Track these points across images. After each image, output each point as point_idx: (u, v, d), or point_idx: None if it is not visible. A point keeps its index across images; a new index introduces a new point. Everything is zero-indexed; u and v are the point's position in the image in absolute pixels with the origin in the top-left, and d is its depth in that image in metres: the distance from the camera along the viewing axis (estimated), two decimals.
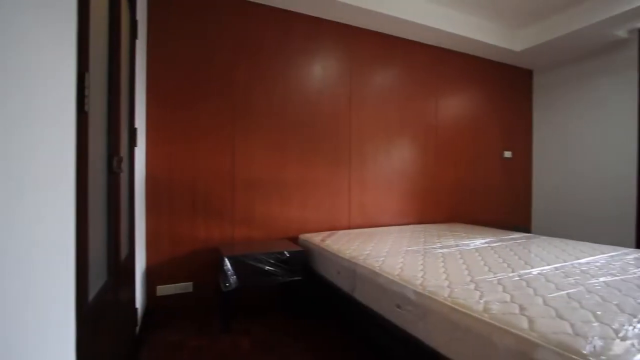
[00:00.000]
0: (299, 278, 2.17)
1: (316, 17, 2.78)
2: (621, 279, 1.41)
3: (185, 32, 2.35)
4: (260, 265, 2.07)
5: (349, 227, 2.93)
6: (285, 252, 2.14)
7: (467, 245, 2.15)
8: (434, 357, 1.19)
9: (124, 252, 1.45)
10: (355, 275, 1.75)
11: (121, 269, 1.36)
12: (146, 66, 2.22)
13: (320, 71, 2.81)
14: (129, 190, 1.63)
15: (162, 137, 2.29)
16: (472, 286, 1.31)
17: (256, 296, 2.50)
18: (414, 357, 1.32)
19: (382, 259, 1.76)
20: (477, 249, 2.02)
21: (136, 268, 1.81)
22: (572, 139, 3.73)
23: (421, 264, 1.65)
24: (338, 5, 2.59)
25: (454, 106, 3.54)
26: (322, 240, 2.31)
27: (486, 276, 1.45)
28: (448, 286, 1.31)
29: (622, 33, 3.12)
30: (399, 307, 1.40)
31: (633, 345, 0.87)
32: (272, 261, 2.11)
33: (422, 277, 1.44)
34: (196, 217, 2.38)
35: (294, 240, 2.63)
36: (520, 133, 4.05)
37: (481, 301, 1.15)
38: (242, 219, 2.51)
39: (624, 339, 0.89)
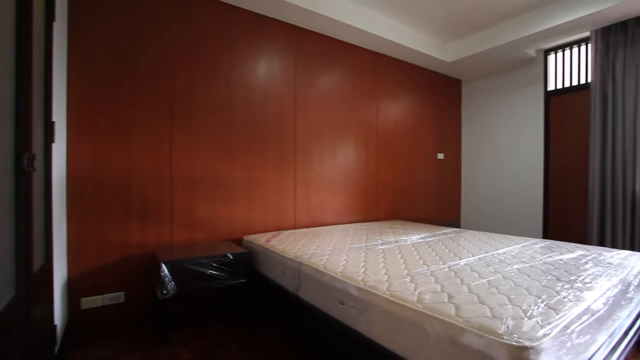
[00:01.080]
0: (244, 280, 2.12)
1: (261, 15, 2.73)
2: (530, 266, 1.62)
3: (115, 16, 2.15)
4: (202, 269, 1.98)
5: (295, 227, 2.94)
6: (229, 255, 2.07)
7: (405, 241, 2.29)
8: (373, 349, 1.25)
9: (37, 261, 1.27)
10: (300, 275, 1.76)
11: (34, 282, 1.20)
12: (67, 52, 1.98)
13: (266, 70, 2.78)
14: (44, 192, 1.44)
15: (88, 132, 2.06)
16: (409, 279, 1.41)
17: (198, 302, 2.39)
18: (356, 351, 1.37)
19: (326, 257, 1.79)
20: (413, 244, 2.16)
21: (55, 279, 1.61)
22: (493, 143, 4.18)
23: (363, 261, 1.72)
24: (283, 4, 2.58)
25: (393, 110, 3.74)
26: (267, 241, 2.29)
27: (421, 269, 1.56)
28: (387, 280, 1.39)
29: (531, 52, 3.59)
30: (342, 303, 1.44)
31: (537, 322, 1.00)
32: (214, 264, 2.03)
33: (363, 273, 1.50)
34: (129, 220, 2.19)
35: (239, 242, 2.56)
36: (451, 136, 4.44)
37: (415, 292, 1.24)
38: (182, 221, 2.37)
39: (530, 317, 1.03)
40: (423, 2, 2.98)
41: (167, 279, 1.85)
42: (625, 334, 1.42)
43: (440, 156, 4.28)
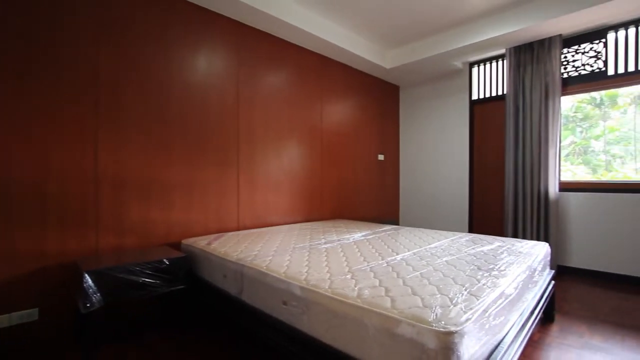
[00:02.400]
0: (182, 287, 2.00)
1: (202, 7, 2.61)
2: (457, 258, 1.79)
3: None
4: (134, 277, 1.82)
5: (239, 229, 2.86)
6: (165, 260, 1.94)
7: (348, 239, 2.37)
8: (316, 347, 1.27)
9: None
10: (243, 277, 1.72)
11: None
12: None
13: (206, 65, 2.65)
14: None
15: None
16: (350, 276, 1.46)
17: (133, 314, 2.19)
18: (300, 350, 1.38)
19: (270, 258, 1.78)
20: (355, 242, 2.25)
21: None
22: (426, 146, 4.53)
23: (306, 260, 1.74)
24: None
25: (337, 112, 3.85)
26: (208, 244, 2.19)
27: (361, 265, 1.63)
28: (329, 278, 1.42)
29: (458, 64, 3.97)
30: (285, 303, 1.44)
31: (461, 309, 1.11)
32: (148, 271, 1.88)
33: (306, 272, 1.52)
34: (45, 227, 1.92)
35: (177, 246, 2.42)
36: (390, 139, 4.70)
37: (356, 288, 1.29)
38: (110, 225, 2.16)
39: (456, 304, 1.14)
40: (366, 10, 3.11)
41: (91, 290, 1.67)
42: (532, 312, 1.64)
43: (381, 157, 4.51)
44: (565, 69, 3.32)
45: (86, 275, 1.67)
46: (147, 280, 1.86)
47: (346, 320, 1.18)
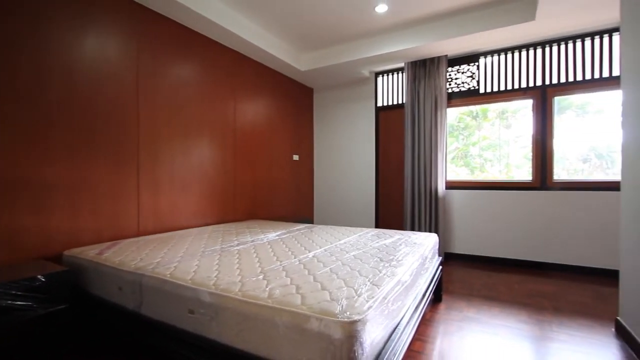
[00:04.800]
0: (64, 306, 1.70)
1: None
2: (363, 252, 1.94)
3: None
4: None
5: (139, 235, 2.57)
6: (40, 277, 1.62)
7: (262, 239, 2.35)
8: (226, 353, 1.23)
9: None
10: (142, 288, 1.55)
11: None
12: None
13: (96, 49, 2.31)
14: None
15: None
16: (262, 276, 1.45)
17: None
18: (208, 359, 1.32)
19: (175, 264, 1.64)
20: (269, 242, 2.24)
21: None
22: (338, 147, 4.78)
23: (217, 264, 1.66)
24: None
25: (251, 111, 3.77)
26: (100, 254, 1.91)
27: (274, 265, 1.63)
28: (240, 281, 1.39)
29: (365, 73, 4.29)
30: (192, 312, 1.35)
31: (365, 299, 1.20)
32: (16, 292, 1.55)
33: (216, 276, 1.45)
34: None
35: (58, 258, 2.05)
36: (305, 139, 4.82)
37: (267, 289, 1.28)
38: None
39: (360, 295, 1.23)
40: (280, 12, 3.13)
41: None
42: (424, 295, 1.88)
43: (296, 157, 4.59)
44: (450, 85, 3.89)
45: None
46: (14, 303, 1.54)
47: (257, 321, 1.17)
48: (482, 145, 3.96)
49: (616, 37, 3.05)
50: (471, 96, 3.78)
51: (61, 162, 2.11)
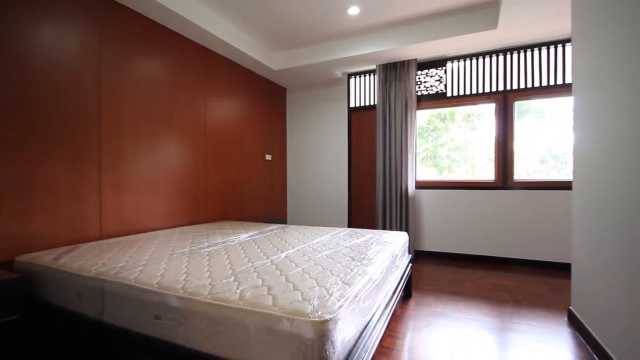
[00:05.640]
0: (16, 316, 1.58)
1: None
2: (335, 251, 1.95)
3: None
4: None
5: (101, 238, 2.44)
6: None
7: (233, 241, 2.30)
8: (195, 358, 1.19)
9: None
10: (104, 294, 1.47)
11: None
12: None
13: (54, 38, 2.16)
14: None
15: None
16: (232, 278, 1.42)
17: None
18: None
19: (141, 268, 1.57)
20: (241, 244, 2.20)
21: None
22: (311, 147, 4.79)
23: (185, 267, 1.61)
24: None
25: (223, 109, 3.69)
26: (57, 259, 1.79)
27: (245, 266, 1.60)
28: (210, 283, 1.35)
29: (338, 74, 4.33)
30: (158, 318, 1.30)
31: (337, 298, 1.21)
32: None
33: (184, 280, 1.41)
34: None
35: (9, 265, 1.89)
36: (277, 139, 4.78)
37: (238, 291, 1.26)
38: None
39: (332, 294, 1.24)
40: (251, 10, 3.08)
41: None
42: (394, 292, 1.92)
43: (268, 157, 4.54)
44: (419, 87, 4.01)
45: None
46: None
47: (227, 324, 1.14)
48: (449, 146, 4.12)
49: (569, 47, 3.28)
50: (439, 99, 3.92)
51: (10, 160, 1.95)
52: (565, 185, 3.30)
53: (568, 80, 3.32)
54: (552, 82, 3.40)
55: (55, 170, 2.17)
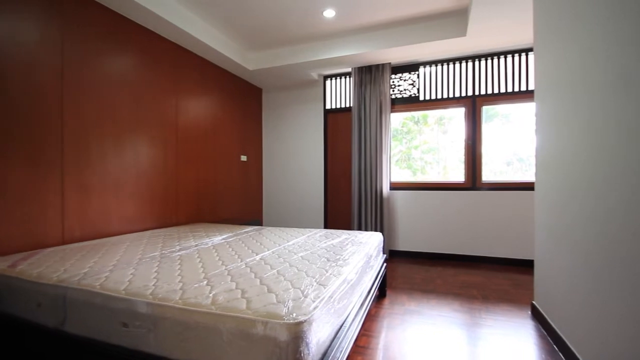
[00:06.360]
0: None
1: None
2: (310, 252, 1.95)
3: None
4: None
5: (64, 243, 2.30)
6: None
7: (207, 243, 2.25)
8: None
9: None
10: (66, 303, 1.39)
11: None
12: None
13: (9, 29, 2.02)
14: None
15: None
16: (205, 282, 1.39)
17: None
18: None
19: (106, 274, 1.50)
20: (214, 246, 2.15)
21: None
22: (288, 148, 4.77)
23: (155, 271, 1.55)
24: None
25: (195, 108, 3.59)
26: (12, 266, 1.67)
27: (218, 270, 1.57)
28: (181, 288, 1.31)
29: (314, 75, 4.35)
30: (126, 325, 1.24)
31: (312, 299, 1.21)
32: None
33: (154, 285, 1.36)
34: None
35: None
36: (253, 140, 4.72)
37: (210, 295, 1.23)
38: None
39: (307, 296, 1.24)
40: (224, 6, 3.03)
41: None
42: (369, 292, 1.95)
43: (244, 158, 4.48)
44: (393, 91, 4.10)
45: None
46: None
47: (199, 330, 1.11)
48: (423, 148, 4.24)
49: (532, 56, 3.48)
50: (412, 102, 4.03)
51: None
52: (529, 186, 3.49)
53: (531, 87, 3.51)
54: (517, 89, 3.59)
55: (11, 172, 2.02)
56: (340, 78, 4.42)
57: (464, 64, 3.80)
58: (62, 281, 1.45)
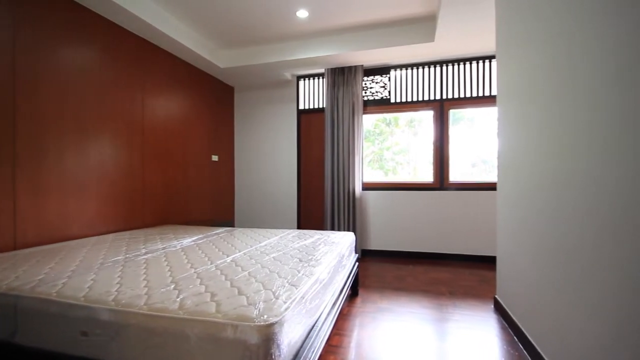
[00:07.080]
0: None
1: None
2: (283, 253, 1.94)
3: None
4: None
5: (15, 248, 2.14)
6: None
7: (175, 246, 2.17)
8: None
9: None
10: (17, 313, 1.29)
11: None
12: None
13: None
14: None
15: None
16: (172, 286, 1.34)
17: None
18: None
19: (64, 281, 1.41)
20: (183, 249, 2.08)
21: None
22: (260, 148, 4.72)
23: (118, 276, 1.48)
24: None
25: (163, 106, 3.46)
26: None
27: (187, 273, 1.52)
28: (146, 293, 1.26)
29: (287, 75, 4.33)
30: (85, 334, 1.17)
31: (283, 301, 1.20)
32: None
33: (117, 291, 1.29)
34: None
35: None
36: (224, 139, 4.62)
37: (177, 299, 1.19)
38: None
39: (278, 297, 1.23)
40: (196, 5, 2.94)
41: None
42: (341, 291, 1.97)
43: (215, 158, 4.37)
44: (365, 93, 4.17)
45: None
46: None
47: (166, 336, 1.08)
48: (394, 149, 4.34)
49: (495, 63, 3.67)
50: (384, 105, 4.12)
51: None
52: (492, 186, 3.67)
53: (494, 92, 3.70)
54: (481, 94, 3.76)
55: None
56: (314, 79, 4.43)
57: (432, 69, 3.93)
58: (12, 289, 1.35)
